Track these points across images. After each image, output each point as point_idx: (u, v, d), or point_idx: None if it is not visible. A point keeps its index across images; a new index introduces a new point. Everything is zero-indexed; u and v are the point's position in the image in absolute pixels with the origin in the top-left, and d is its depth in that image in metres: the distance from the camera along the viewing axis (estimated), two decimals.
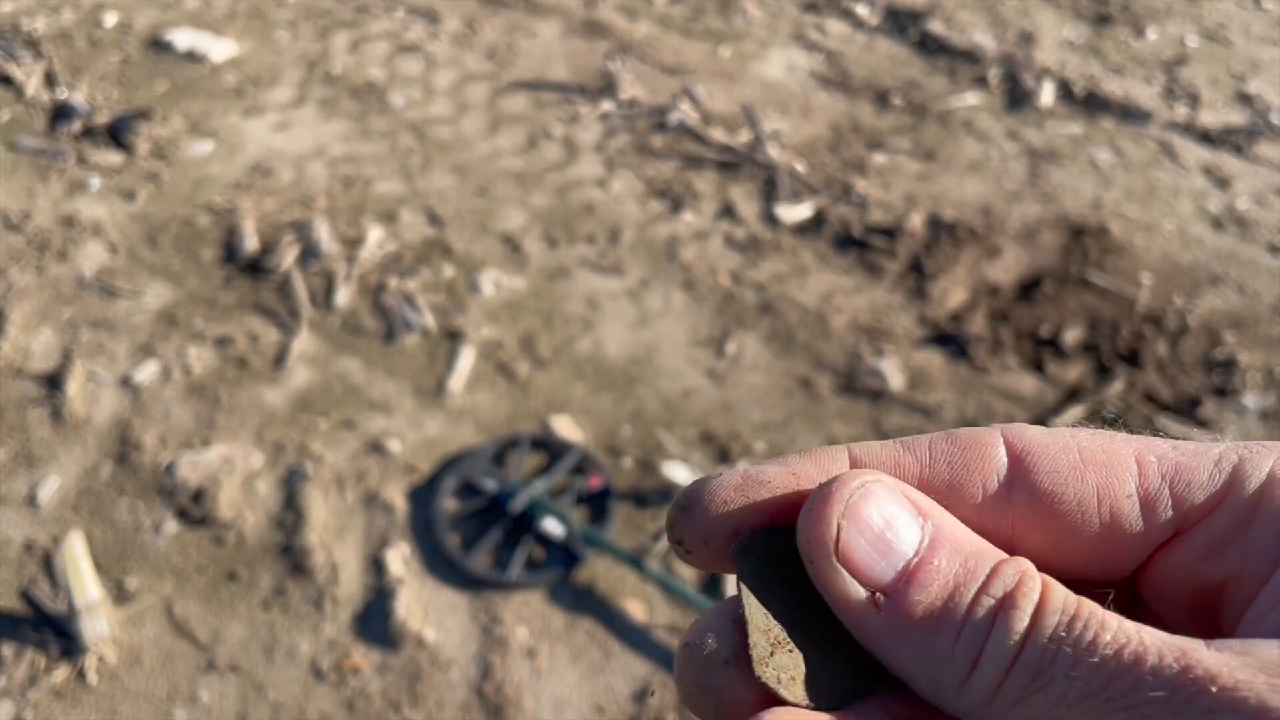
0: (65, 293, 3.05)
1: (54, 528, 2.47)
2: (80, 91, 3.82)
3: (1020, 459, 0.35)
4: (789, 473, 0.36)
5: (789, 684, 0.35)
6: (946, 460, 0.35)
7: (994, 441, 0.35)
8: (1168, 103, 4.02)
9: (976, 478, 0.35)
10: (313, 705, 2.18)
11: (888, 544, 0.32)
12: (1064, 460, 0.35)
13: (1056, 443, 0.35)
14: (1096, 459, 0.35)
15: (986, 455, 0.35)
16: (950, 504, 0.35)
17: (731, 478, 0.36)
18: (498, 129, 3.77)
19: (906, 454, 0.36)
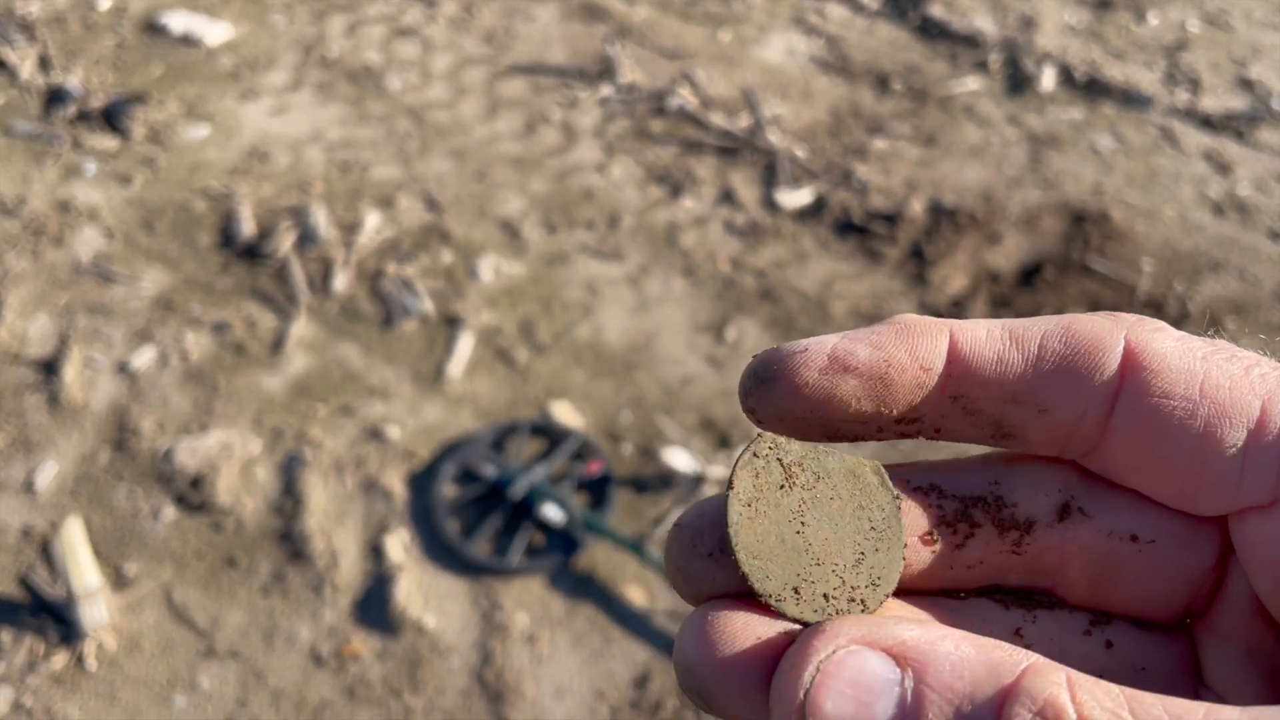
0: (61, 278, 3.04)
1: (52, 514, 2.46)
2: (75, 75, 3.80)
3: (1135, 372, 0.32)
4: (882, 359, 0.33)
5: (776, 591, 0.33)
6: (1056, 359, 0.32)
7: (1113, 346, 0.32)
8: (1169, 88, 4.00)
9: (1083, 384, 0.32)
10: (313, 691, 2.18)
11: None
12: (1180, 388, 0.32)
13: (1181, 364, 0.32)
14: (1217, 395, 0.32)
15: (1099, 362, 0.32)
16: (1049, 407, 0.32)
17: (818, 357, 0.33)
18: (496, 113, 3.75)
19: (1013, 349, 0.32)
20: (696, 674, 0.31)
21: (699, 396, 2.77)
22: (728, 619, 0.31)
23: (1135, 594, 0.35)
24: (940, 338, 0.33)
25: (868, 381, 0.33)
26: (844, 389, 0.33)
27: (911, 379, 0.33)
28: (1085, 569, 0.35)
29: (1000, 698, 0.26)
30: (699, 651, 0.31)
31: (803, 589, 0.33)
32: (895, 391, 0.33)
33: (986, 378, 0.33)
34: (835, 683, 0.28)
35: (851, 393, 0.33)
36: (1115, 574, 0.35)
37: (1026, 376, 0.32)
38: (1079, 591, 0.35)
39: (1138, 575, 0.35)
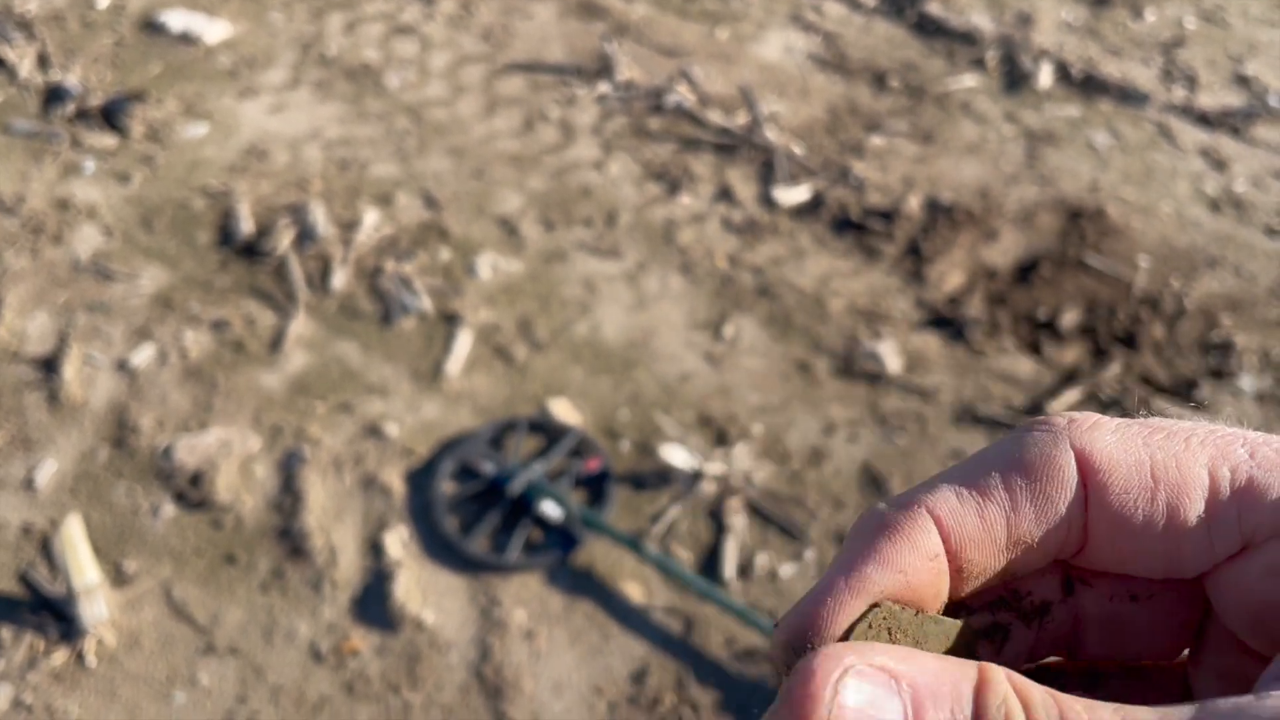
0: (60, 276, 3.04)
1: (51, 511, 2.47)
2: (74, 73, 3.80)
3: (1092, 477, 0.35)
4: (893, 572, 0.35)
5: None
6: (1029, 500, 0.35)
7: (1066, 464, 0.35)
8: (1165, 85, 4.01)
9: (1057, 507, 0.35)
10: (312, 687, 2.19)
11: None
12: (1135, 480, 0.35)
13: (1128, 458, 0.35)
14: (1168, 477, 0.35)
15: (1063, 484, 0.35)
16: (1036, 535, 0.35)
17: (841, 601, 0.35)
18: (494, 111, 3.76)
19: (988, 504, 0.35)
20: None
21: (697, 393, 2.78)
22: None
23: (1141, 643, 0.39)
24: (929, 526, 0.36)
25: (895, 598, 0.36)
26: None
27: (928, 583, 0.36)
28: (1097, 632, 0.39)
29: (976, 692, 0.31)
30: None
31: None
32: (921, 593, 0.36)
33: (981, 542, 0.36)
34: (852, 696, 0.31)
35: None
36: (1122, 630, 0.39)
37: (1012, 523, 0.36)
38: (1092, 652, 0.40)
39: (1140, 627, 0.39)
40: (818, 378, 2.85)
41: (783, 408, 2.76)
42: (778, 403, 2.77)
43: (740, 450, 2.63)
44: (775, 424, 2.71)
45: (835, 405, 2.77)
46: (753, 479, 2.57)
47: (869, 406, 2.77)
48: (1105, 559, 0.37)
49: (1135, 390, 2.82)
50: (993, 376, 2.86)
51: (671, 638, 2.29)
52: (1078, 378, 2.84)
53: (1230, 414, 2.78)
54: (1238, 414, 2.78)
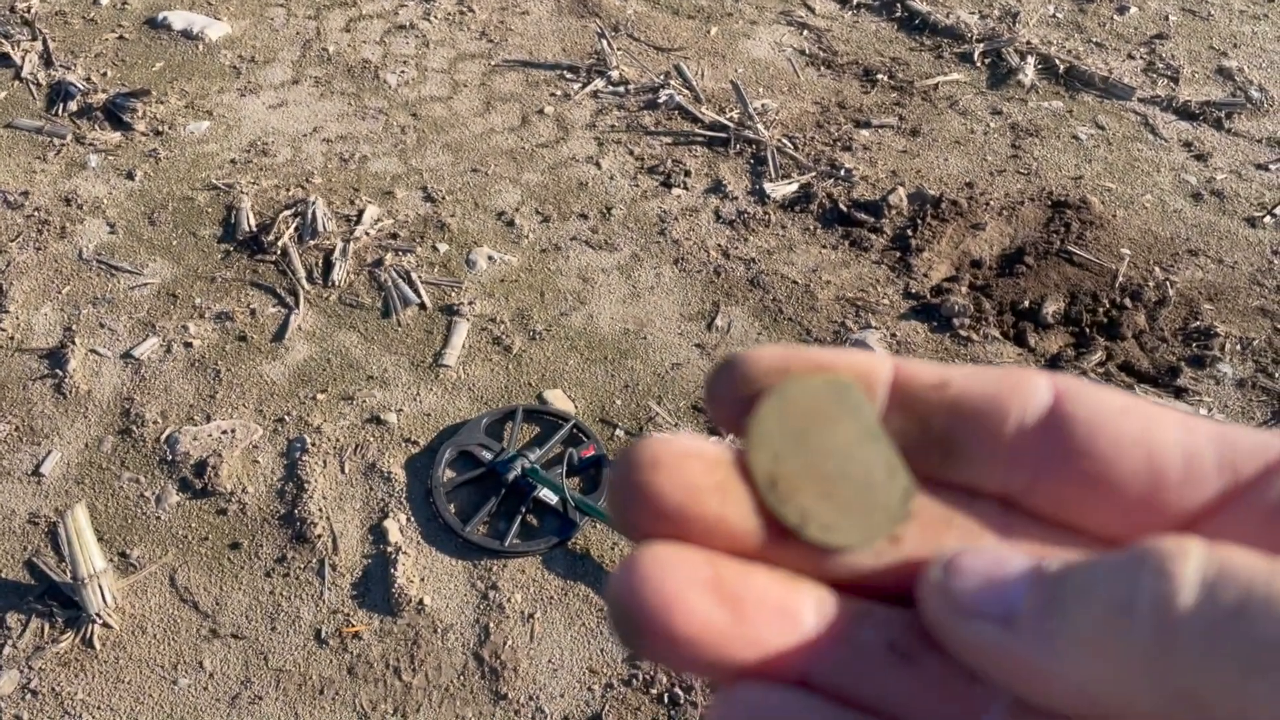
0: (65, 270, 3.09)
1: (58, 500, 2.52)
2: (77, 71, 3.85)
3: (1062, 395, 0.33)
4: (828, 355, 0.33)
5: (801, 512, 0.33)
6: (982, 384, 0.33)
7: (1037, 375, 0.33)
8: (1149, 78, 4.06)
9: (1015, 403, 0.33)
10: (314, 670, 2.24)
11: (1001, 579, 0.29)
12: (1107, 402, 0.32)
13: (1100, 389, 0.33)
14: (1140, 408, 0.32)
15: (1028, 386, 0.33)
16: (987, 415, 0.33)
17: (774, 349, 0.33)
18: (491, 107, 3.81)
19: (947, 370, 0.33)
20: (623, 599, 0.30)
21: (689, 382, 2.84)
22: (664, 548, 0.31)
23: None
24: (884, 358, 0.34)
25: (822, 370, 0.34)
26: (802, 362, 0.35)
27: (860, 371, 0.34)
28: None
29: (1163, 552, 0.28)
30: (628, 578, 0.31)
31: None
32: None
33: (927, 384, 0.33)
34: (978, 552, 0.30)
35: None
36: None
37: (963, 386, 0.33)
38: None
39: None
40: None
41: None
42: None
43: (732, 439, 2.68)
44: None
45: None
46: None
47: None
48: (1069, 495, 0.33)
49: (1117, 378, 2.88)
50: (978, 364, 2.91)
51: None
52: (1061, 366, 2.90)
53: (1211, 401, 2.84)
54: (1218, 401, 2.84)
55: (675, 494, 0.32)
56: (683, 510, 0.32)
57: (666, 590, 0.30)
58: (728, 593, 0.31)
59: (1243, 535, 0.29)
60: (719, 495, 0.33)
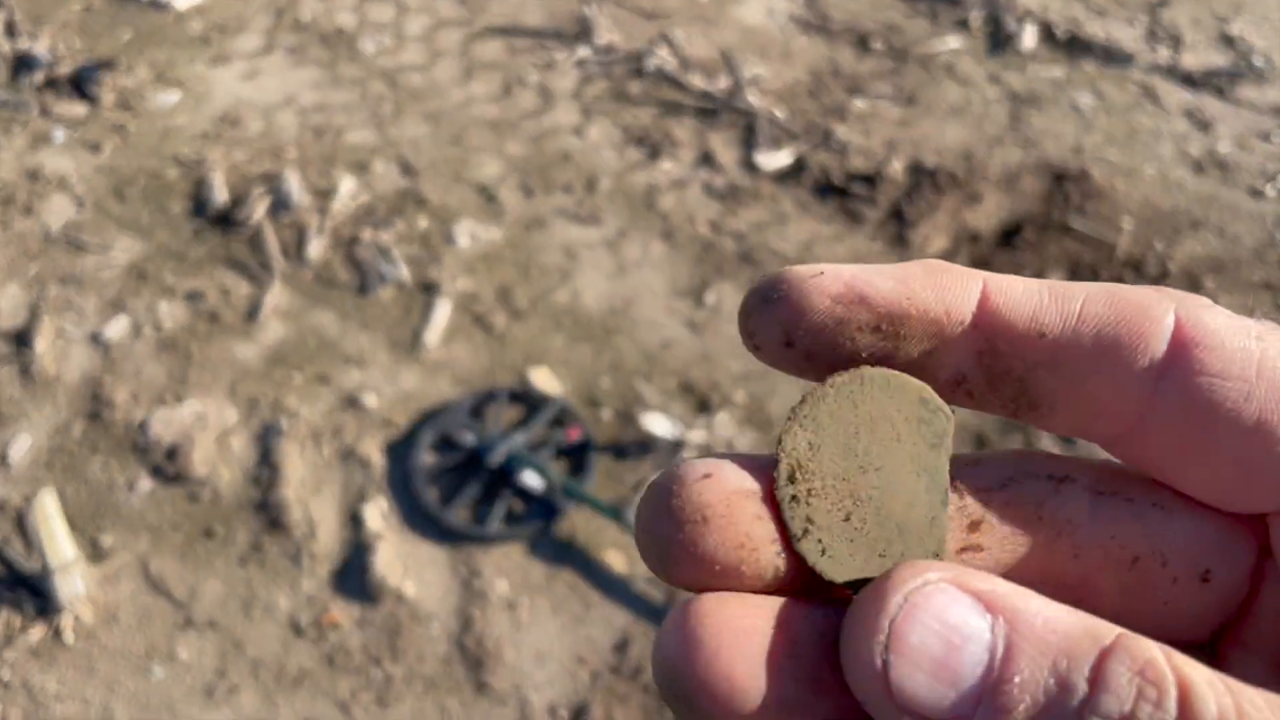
0: (31, 248, 2.99)
1: (26, 486, 2.44)
2: (42, 41, 3.73)
3: (1185, 348, 0.28)
4: (903, 296, 0.29)
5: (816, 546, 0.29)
6: (1096, 325, 0.29)
7: (1161, 317, 0.29)
8: (1150, 45, 3.98)
9: (1125, 354, 0.29)
10: (292, 660, 2.18)
11: (951, 668, 0.25)
12: (1235, 367, 0.28)
13: (1236, 343, 0.28)
14: (1274, 378, 0.28)
15: (1146, 332, 0.29)
16: (1085, 376, 0.29)
17: (832, 283, 0.30)
18: (471, 76, 3.71)
19: (1051, 306, 0.29)
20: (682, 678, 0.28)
21: (679, 361, 2.76)
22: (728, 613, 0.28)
23: (1165, 618, 0.32)
24: (973, 284, 0.30)
25: (885, 318, 0.30)
26: (857, 320, 0.30)
27: (934, 323, 0.30)
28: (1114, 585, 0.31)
29: (1100, 656, 0.24)
30: (685, 652, 0.28)
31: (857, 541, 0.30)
32: (914, 334, 0.30)
33: (1019, 333, 0.29)
34: (924, 616, 0.26)
35: (866, 325, 0.30)
36: (1146, 596, 0.31)
37: (1064, 338, 0.29)
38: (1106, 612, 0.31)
39: (1169, 600, 0.31)
40: None
41: (765, 375, 2.74)
42: (760, 370, 2.76)
43: (722, 418, 2.62)
44: (757, 391, 2.69)
45: None
46: (735, 447, 2.56)
47: None
48: (1155, 454, 0.30)
49: None
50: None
51: (654, 607, 2.29)
52: None
53: None
54: None
55: (730, 553, 0.29)
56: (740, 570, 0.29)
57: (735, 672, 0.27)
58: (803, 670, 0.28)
59: None
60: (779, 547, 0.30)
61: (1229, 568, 0.30)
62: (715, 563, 0.29)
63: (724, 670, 0.27)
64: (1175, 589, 0.30)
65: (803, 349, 0.30)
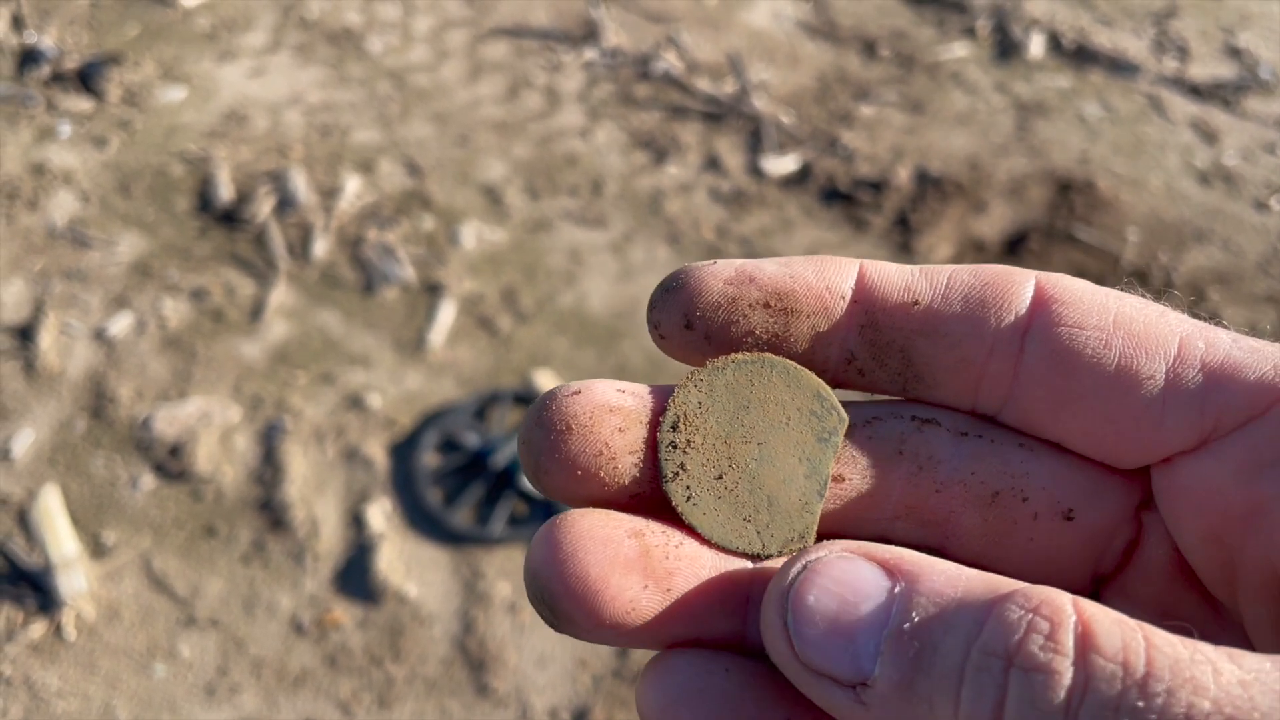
0: (36, 242, 2.99)
1: (28, 481, 2.44)
2: (49, 35, 3.72)
3: (1046, 305, 0.31)
4: (786, 274, 0.32)
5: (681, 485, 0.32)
6: (963, 291, 0.31)
7: (1023, 281, 0.31)
8: (1157, 56, 3.98)
9: (990, 315, 0.31)
10: (294, 660, 2.18)
11: (849, 627, 0.26)
12: (1093, 318, 0.30)
13: (1093, 299, 0.31)
14: (1131, 327, 0.30)
15: (1009, 294, 0.31)
16: (957, 340, 0.31)
17: (725, 268, 0.32)
18: (478, 77, 3.70)
19: (921, 279, 0.31)
20: (542, 578, 0.30)
21: (682, 365, 2.76)
22: (587, 524, 0.30)
23: (1031, 557, 0.32)
24: (849, 266, 0.32)
25: (773, 295, 0.32)
26: (748, 298, 0.32)
27: (816, 299, 0.32)
28: (976, 521, 0.32)
29: (992, 601, 0.25)
30: (548, 558, 0.30)
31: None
32: (800, 309, 0.32)
33: (893, 305, 0.31)
34: (821, 579, 0.27)
35: (756, 303, 0.32)
36: (1008, 532, 0.32)
37: (934, 306, 0.31)
38: (970, 549, 0.33)
39: (1034, 537, 0.32)
40: None
41: None
42: None
43: None
44: None
45: None
46: None
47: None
48: (1034, 412, 0.31)
49: None
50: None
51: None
52: None
53: None
54: None
55: (589, 459, 0.31)
56: (599, 476, 0.31)
57: (591, 573, 0.29)
58: (655, 570, 0.30)
59: (1213, 482, 0.28)
60: (639, 456, 0.32)
61: (1095, 510, 0.32)
62: (576, 468, 0.31)
63: (579, 570, 0.29)
64: (1037, 526, 0.32)
65: (701, 330, 0.33)
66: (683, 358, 0.34)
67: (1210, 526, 0.30)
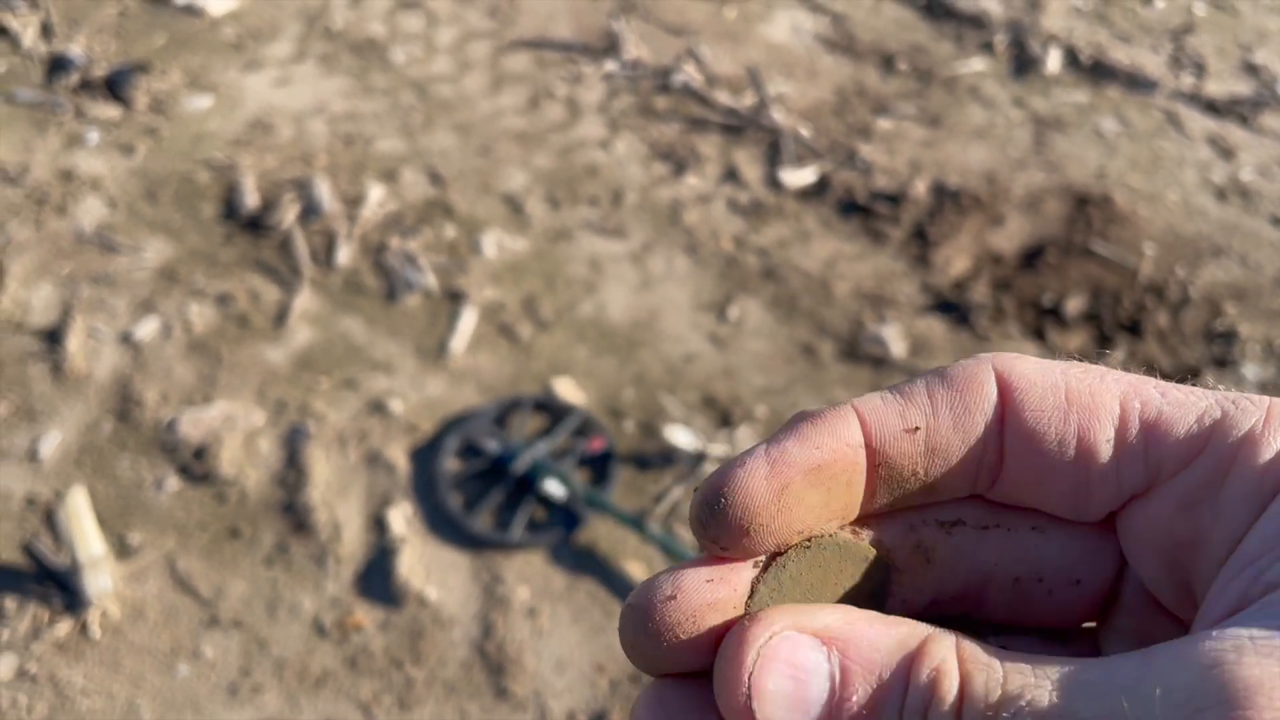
0: (64, 247, 3.03)
1: (56, 482, 2.47)
2: (77, 43, 3.77)
3: (1009, 395, 0.35)
4: (811, 448, 0.35)
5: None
6: (948, 406, 0.35)
7: (986, 378, 0.35)
8: (1174, 72, 3.99)
9: (976, 418, 0.35)
10: (315, 661, 2.20)
11: (802, 700, 0.31)
12: (1049, 400, 0.35)
13: (1045, 380, 0.35)
14: (1080, 400, 0.35)
15: (981, 394, 0.35)
16: (957, 448, 0.35)
17: (759, 465, 0.35)
18: (500, 88, 3.74)
19: (910, 406, 0.35)
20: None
21: (701, 375, 2.78)
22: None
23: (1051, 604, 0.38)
24: (848, 416, 0.35)
25: (810, 473, 0.35)
26: (793, 486, 0.35)
27: (846, 463, 0.35)
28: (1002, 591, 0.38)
29: (907, 663, 0.31)
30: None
31: None
32: (837, 477, 0.35)
33: (899, 437, 0.35)
34: (775, 664, 0.31)
35: (802, 487, 0.35)
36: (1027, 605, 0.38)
37: (931, 427, 0.35)
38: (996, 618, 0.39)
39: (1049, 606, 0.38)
40: (822, 360, 2.85)
41: (787, 390, 2.76)
42: (782, 385, 2.78)
43: (744, 432, 2.64)
44: (779, 406, 2.71)
45: (839, 388, 2.77)
46: None
47: (873, 390, 2.77)
48: (1019, 487, 0.36)
49: None
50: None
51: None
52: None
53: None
54: None
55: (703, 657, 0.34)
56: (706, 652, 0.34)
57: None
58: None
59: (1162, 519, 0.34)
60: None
61: (1096, 574, 0.37)
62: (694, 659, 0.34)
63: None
64: (1051, 599, 0.37)
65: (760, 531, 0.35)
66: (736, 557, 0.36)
67: (1165, 557, 0.35)
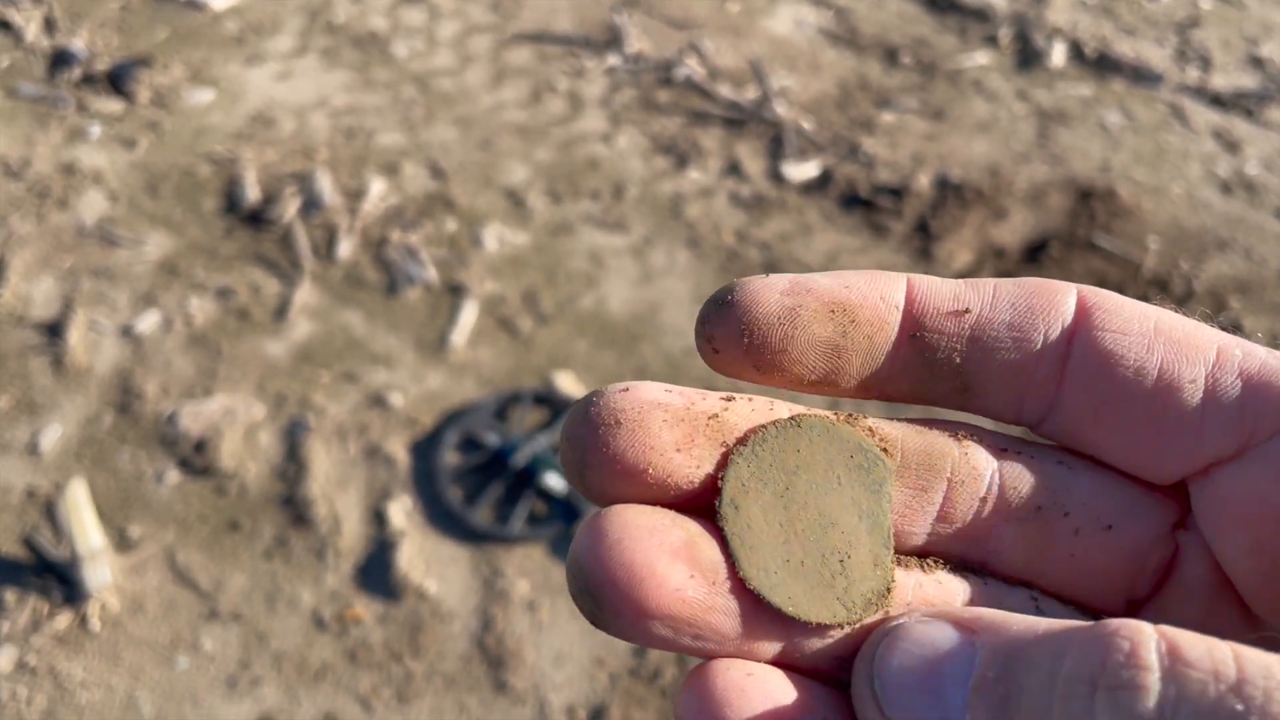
0: (66, 241, 3.03)
1: (56, 475, 2.47)
2: (80, 37, 3.78)
3: (1089, 312, 0.31)
4: (841, 284, 0.32)
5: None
6: (1010, 301, 0.32)
7: (1065, 291, 0.32)
8: (1179, 65, 3.97)
9: (1039, 321, 0.31)
10: (315, 654, 2.20)
11: (935, 684, 0.27)
12: (1135, 325, 0.31)
13: (1134, 309, 0.31)
14: (1172, 334, 0.31)
15: (1054, 302, 0.32)
16: (1007, 347, 0.31)
17: (778, 281, 0.32)
18: (501, 82, 3.73)
19: (968, 290, 0.32)
20: (587, 571, 0.29)
21: (702, 368, 2.78)
22: (633, 514, 0.30)
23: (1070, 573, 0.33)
24: (898, 279, 0.33)
25: (831, 303, 0.32)
26: (808, 307, 0.32)
27: (872, 309, 0.32)
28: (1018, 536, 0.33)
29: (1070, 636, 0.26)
30: (592, 546, 0.29)
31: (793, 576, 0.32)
32: (858, 319, 0.32)
33: (944, 314, 0.32)
34: (903, 644, 0.28)
35: (816, 312, 0.32)
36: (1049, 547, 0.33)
37: (984, 314, 0.32)
38: (1012, 565, 0.34)
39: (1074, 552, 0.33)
40: None
41: None
42: None
43: None
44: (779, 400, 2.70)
45: None
46: None
47: None
48: (1076, 424, 0.32)
49: None
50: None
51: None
52: None
53: None
54: None
55: (637, 454, 0.30)
56: (646, 470, 0.30)
57: (636, 560, 0.28)
58: (702, 561, 0.29)
59: (1255, 489, 0.28)
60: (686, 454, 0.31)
61: (1134, 523, 0.32)
62: (623, 464, 0.30)
63: (624, 559, 0.28)
64: (1078, 541, 0.32)
65: (760, 342, 0.32)
66: (735, 374, 0.33)
67: (1253, 536, 0.30)
